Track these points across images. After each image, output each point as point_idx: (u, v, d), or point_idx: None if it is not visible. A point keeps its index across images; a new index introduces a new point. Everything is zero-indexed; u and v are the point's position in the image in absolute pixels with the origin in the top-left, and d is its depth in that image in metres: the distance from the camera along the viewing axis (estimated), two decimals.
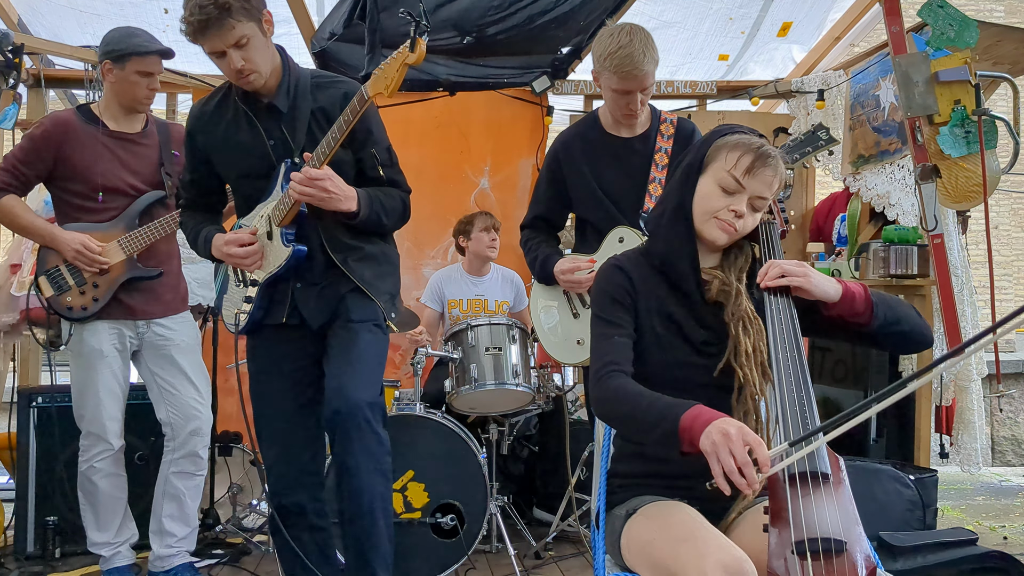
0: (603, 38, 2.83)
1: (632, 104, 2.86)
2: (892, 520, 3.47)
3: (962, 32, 3.64)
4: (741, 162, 1.89)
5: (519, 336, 3.85)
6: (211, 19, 2.43)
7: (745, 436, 1.56)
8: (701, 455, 1.62)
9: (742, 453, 1.53)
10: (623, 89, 2.83)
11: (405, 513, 3.50)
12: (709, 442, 1.57)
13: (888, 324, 1.87)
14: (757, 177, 1.89)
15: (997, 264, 3.80)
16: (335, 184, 2.50)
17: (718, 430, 1.57)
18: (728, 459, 1.53)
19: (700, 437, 1.59)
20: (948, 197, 3.74)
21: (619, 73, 2.77)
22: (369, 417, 2.54)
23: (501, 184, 5.18)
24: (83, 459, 3.28)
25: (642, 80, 2.80)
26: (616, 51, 2.75)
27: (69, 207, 3.24)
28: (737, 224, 1.90)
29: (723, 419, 1.60)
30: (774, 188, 1.92)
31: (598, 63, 2.83)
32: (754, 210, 1.92)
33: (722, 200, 1.90)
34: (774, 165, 1.90)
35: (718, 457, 1.54)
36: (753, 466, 1.53)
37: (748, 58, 5.32)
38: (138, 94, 3.23)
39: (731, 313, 1.91)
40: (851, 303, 1.85)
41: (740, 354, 1.87)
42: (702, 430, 1.59)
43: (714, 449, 1.55)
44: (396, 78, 2.35)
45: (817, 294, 1.84)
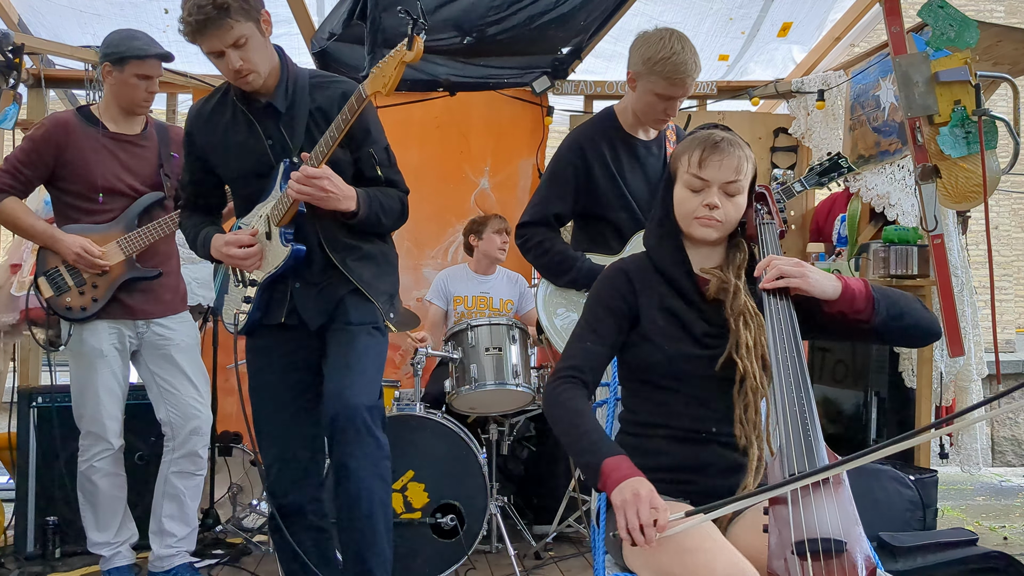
0: (651, 42, 2.80)
1: (670, 110, 2.87)
2: (892, 520, 3.47)
3: (962, 32, 3.63)
4: (693, 159, 1.95)
5: (519, 336, 3.86)
6: (209, 19, 2.43)
7: (653, 500, 1.66)
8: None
9: (647, 515, 1.63)
10: (668, 95, 2.82)
11: (405, 513, 3.50)
12: (620, 498, 1.67)
13: (891, 319, 1.87)
14: (712, 165, 1.93)
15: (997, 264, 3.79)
16: (333, 183, 2.50)
17: (631, 489, 1.67)
18: (633, 518, 1.63)
19: (614, 489, 1.70)
20: (948, 197, 3.74)
21: (670, 79, 2.77)
22: (368, 421, 2.53)
23: (501, 184, 5.18)
24: (83, 459, 3.28)
25: (688, 87, 2.82)
26: (670, 57, 2.75)
27: (68, 208, 3.24)
28: (716, 215, 1.93)
29: (638, 479, 1.70)
30: (739, 169, 1.93)
31: (644, 65, 2.80)
32: (729, 196, 1.94)
33: (694, 199, 1.96)
34: (724, 148, 1.93)
35: (625, 513, 1.64)
36: (653, 527, 1.62)
37: (748, 58, 5.32)
38: (136, 97, 3.23)
39: (731, 309, 1.93)
40: (851, 300, 1.85)
41: (740, 347, 1.88)
42: (617, 483, 1.70)
43: (623, 505, 1.66)
44: (394, 76, 2.35)
45: (816, 292, 1.84)
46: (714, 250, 2.02)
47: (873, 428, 4.26)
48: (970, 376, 4.09)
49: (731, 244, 2.02)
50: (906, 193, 4.28)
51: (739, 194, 1.95)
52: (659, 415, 1.95)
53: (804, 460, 1.60)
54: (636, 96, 2.91)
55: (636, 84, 2.88)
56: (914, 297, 1.94)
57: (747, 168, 1.96)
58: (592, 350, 1.96)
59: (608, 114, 3.06)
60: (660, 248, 2.03)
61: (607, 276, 2.05)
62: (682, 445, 1.92)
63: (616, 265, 2.06)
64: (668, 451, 1.92)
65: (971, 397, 4.11)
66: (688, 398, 1.93)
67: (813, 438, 1.63)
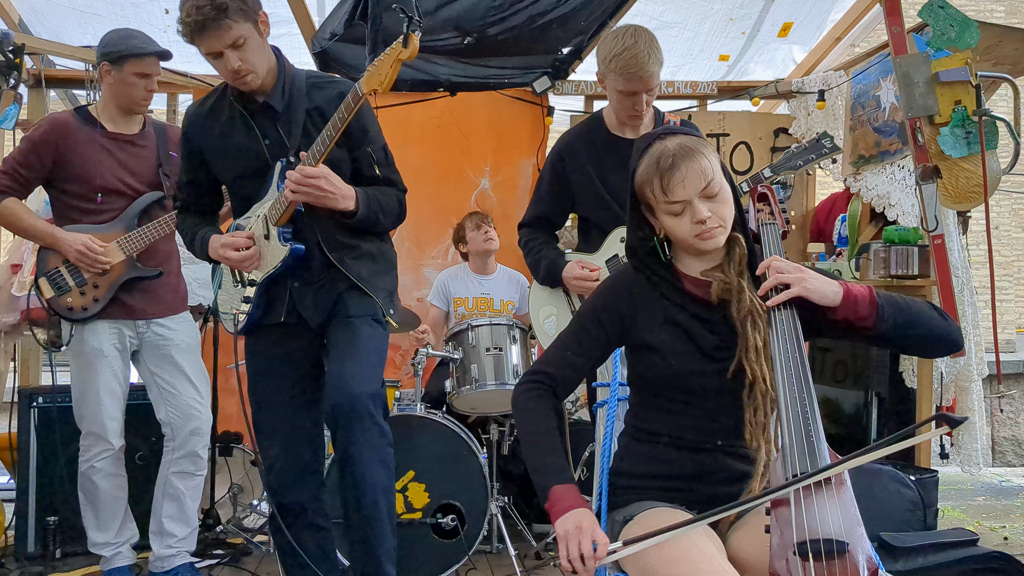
0: (608, 40, 2.83)
1: (638, 105, 2.88)
2: (893, 521, 3.47)
3: (963, 33, 3.63)
4: (657, 188, 1.88)
5: (520, 336, 3.86)
6: (208, 20, 2.44)
7: (595, 533, 1.69)
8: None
9: (588, 547, 1.66)
10: (628, 90, 2.83)
11: (406, 513, 3.50)
12: (563, 529, 1.71)
13: (900, 328, 1.81)
14: (677, 187, 1.85)
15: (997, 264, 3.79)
16: (330, 183, 2.50)
17: (574, 522, 1.71)
18: (574, 549, 1.67)
19: (558, 518, 1.74)
20: (949, 198, 3.74)
21: (624, 74, 2.78)
22: (371, 408, 2.53)
23: (502, 184, 5.19)
24: (83, 459, 3.28)
25: (647, 81, 2.80)
26: (621, 52, 2.76)
27: (68, 208, 3.25)
28: (711, 223, 1.86)
29: (581, 511, 1.73)
30: (704, 172, 1.85)
31: (603, 64, 2.84)
32: (711, 198, 1.86)
33: (683, 222, 1.88)
34: (678, 164, 1.85)
35: (567, 544, 1.68)
36: (593, 559, 1.66)
37: (749, 58, 5.32)
38: (135, 95, 3.23)
39: (737, 310, 1.88)
40: (854, 306, 1.80)
41: (750, 350, 1.84)
42: (562, 512, 1.74)
43: (565, 536, 1.70)
44: (390, 74, 2.35)
45: (815, 298, 1.80)
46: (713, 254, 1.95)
47: (874, 428, 4.26)
48: (971, 376, 4.09)
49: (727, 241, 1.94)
50: (906, 193, 4.28)
51: (719, 191, 1.87)
52: (666, 425, 1.93)
53: (807, 461, 1.60)
54: (608, 96, 2.97)
55: (604, 84, 2.92)
56: (931, 305, 1.88)
57: (711, 164, 1.86)
58: (571, 361, 1.94)
59: (596, 116, 3.13)
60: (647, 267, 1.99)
61: (607, 286, 2.02)
62: (688, 454, 1.90)
63: (619, 275, 2.03)
64: (673, 459, 1.90)
65: (972, 397, 4.10)
66: (697, 411, 1.90)
67: (815, 439, 1.63)
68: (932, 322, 1.84)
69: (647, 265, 1.99)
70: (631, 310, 1.95)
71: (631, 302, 1.96)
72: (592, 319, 1.97)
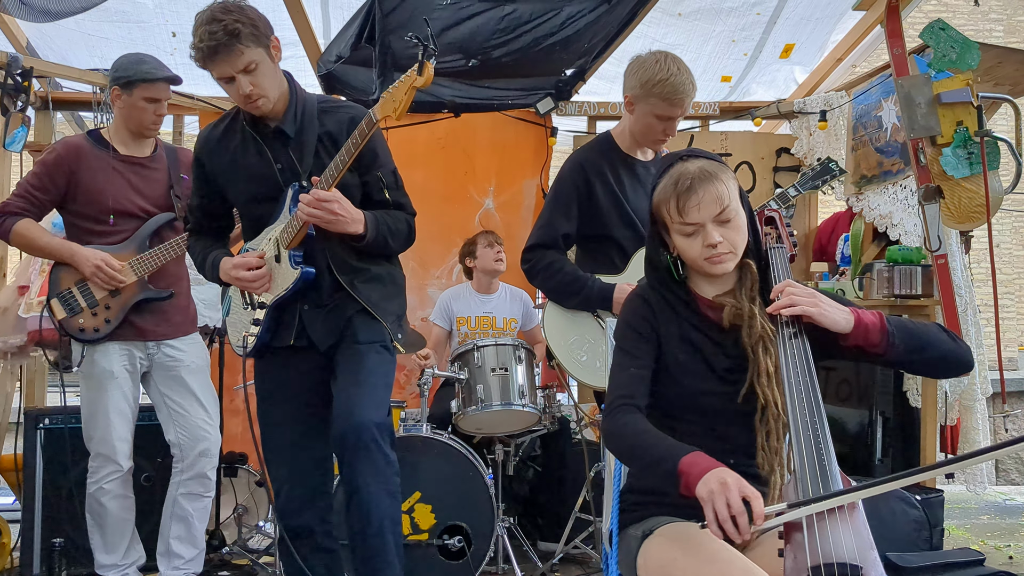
0: (647, 65, 2.87)
1: (669, 129, 2.94)
2: (899, 540, 3.47)
3: (964, 54, 3.66)
4: (672, 209, 1.92)
5: (525, 357, 3.87)
6: (220, 45, 2.46)
7: (743, 488, 1.59)
8: None
9: (737, 503, 1.56)
10: (667, 115, 2.89)
11: (412, 535, 3.50)
12: (707, 489, 1.61)
13: (911, 352, 1.83)
14: (692, 209, 1.89)
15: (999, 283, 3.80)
16: (343, 207, 2.52)
17: (716, 479, 1.61)
18: (723, 507, 1.56)
19: (697, 483, 1.63)
20: (951, 218, 3.75)
21: (668, 99, 2.85)
22: (377, 438, 2.54)
23: (506, 204, 5.21)
24: (92, 480, 3.28)
25: (687, 107, 2.89)
26: (667, 78, 2.82)
27: (80, 230, 3.27)
28: (721, 249, 1.89)
29: (722, 468, 1.64)
30: (720, 199, 1.88)
31: (642, 88, 2.87)
32: (724, 223, 1.90)
33: (695, 244, 1.92)
34: (696, 187, 1.89)
35: (713, 504, 1.58)
36: (746, 518, 1.56)
37: (751, 79, 5.35)
38: (145, 120, 3.26)
39: (748, 335, 1.91)
40: (864, 334, 1.82)
41: (761, 375, 1.86)
42: (700, 476, 1.63)
43: (711, 496, 1.59)
44: (404, 101, 2.38)
45: (828, 324, 1.81)
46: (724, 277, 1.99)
47: (878, 448, 4.26)
48: (974, 395, 4.10)
49: (739, 266, 1.99)
50: (908, 213, 4.30)
51: (732, 218, 1.91)
52: None
53: (819, 484, 1.61)
54: (635, 118, 2.98)
55: (634, 107, 2.94)
56: (939, 327, 1.90)
57: (728, 190, 1.90)
58: (637, 375, 1.94)
59: (606, 137, 3.12)
60: (662, 286, 2.02)
61: (629, 304, 2.05)
62: None
63: (636, 293, 2.06)
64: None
65: (976, 416, 4.10)
66: (708, 431, 1.92)
67: (827, 462, 1.64)
68: (942, 345, 1.86)
69: (663, 282, 2.02)
70: (655, 322, 1.98)
71: (653, 314, 1.99)
72: (632, 333, 1.98)
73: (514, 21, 4.25)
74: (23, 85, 4.08)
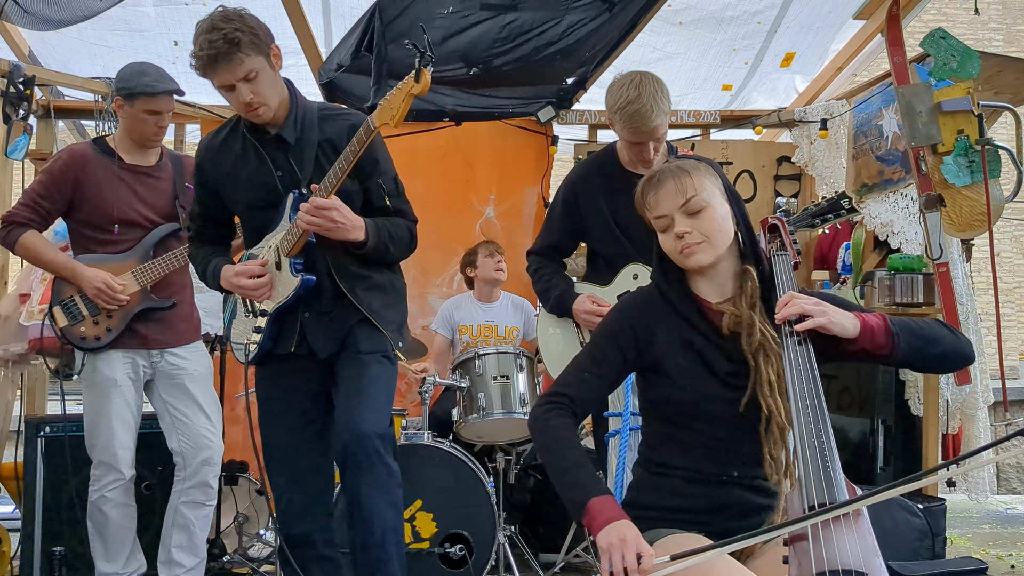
0: (613, 89, 2.84)
1: (645, 153, 2.90)
2: (901, 549, 3.46)
3: (964, 63, 3.67)
4: (644, 206, 1.97)
5: (527, 365, 3.87)
6: (220, 53, 2.46)
7: (639, 544, 1.67)
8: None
9: (632, 559, 1.64)
10: (634, 140, 2.87)
11: (414, 543, 3.49)
12: (606, 541, 1.68)
13: (916, 351, 1.84)
14: (656, 202, 1.94)
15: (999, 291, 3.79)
16: (342, 214, 2.52)
17: (617, 533, 1.68)
18: (619, 561, 1.65)
19: (600, 531, 1.71)
20: (953, 226, 3.76)
21: (629, 127, 2.81)
22: (379, 448, 2.54)
23: (506, 213, 5.20)
24: (94, 489, 3.27)
25: (652, 133, 2.82)
26: (625, 106, 2.77)
27: (85, 239, 3.27)
28: (691, 239, 1.90)
29: (624, 522, 1.71)
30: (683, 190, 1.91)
31: (610, 113, 2.86)
32: (693, 215, 1.91)
33: (669, 237, 1.95)
34: (659, 180, 1.94)
35: (610, 557, 1.66)
36: (638, 572, 1.63)
37: (751, 88, 5.36)
38: (147, 131, 3.26)
39: (747, 344, 1.89)
40: (871, 337, 1.82)
41: (763, 384, 1.85)
42: (604, 525, 1.71)
43: (609, 548, 1.67)
44: (402, 108, 2.38)
45: (837, 331, 1.81)
46: (724, 280, 1.97)
47: (880, 456, 4.25)
48: (976, 404, 4.09)
49: (740, 272, 1.97)
50: (909, 221, 4.30)
51: (703, 208, 1.91)
52: (681, 456, 1.93)
53: (824, 492, 1.60)
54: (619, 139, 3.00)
55: (614, 128, 2.94)
56: (940, 323, 1.91)
57: (697, 183, 1.92)
58: (589, 382, 1.94)
59: (609, 150, 3.13)
60: (667, 286, 2.01)
61: (621, 308, 2.03)
62: (703, 487, 1.90)
63: (633, 297, 2.05)
64: (687, 492, 1.89)
65: (977, 425, 4.10)
66: (713, 440, 1.90)
67: (832, 469, 1.63)
68: (945, 340, 1.88)
69: (668, 282, 2.01)
70: (646, 330, 1.96)
71: (646, 321, 1.97)
72: (608, 340, 1.97)
73: (515, 30, 4.26)
74: (25, 93, 4.08)
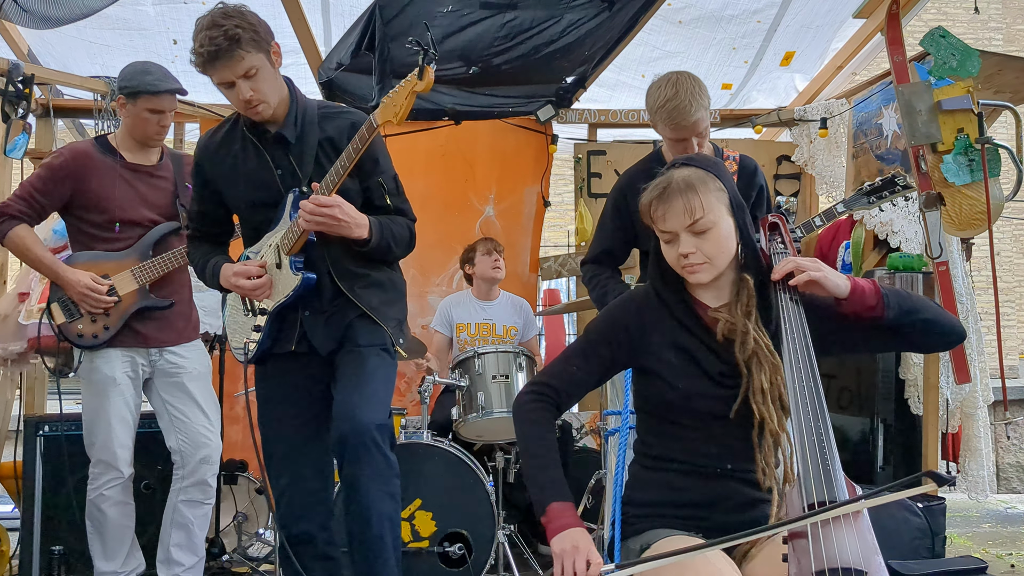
0: (651, 91, 2.86)
1: (689, 149, 2.88)
2: (901, 548, 3.46)
3: (964, 62, 3.66)
4: (651, 215, 1.96)
5: (526, 364, 3.86)
6: (220, 50, 2.46)
7: (590, 553, 1.75)
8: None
9: (581, 566, 1.73)
10: (676, 137, 2.86)
11: (413, 542, 3.48)
12: (560, 547, 1.77)
13: (905, 314, 1.88)
14: (666, 217, 1.92)
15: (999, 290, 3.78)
16: (345, 212, 2.51)
17: (570, 541, 1.77)
18: (568, 568, 1.73)
19: (554, 535, 1.79)
20: (952, 225, 3.76)
21: (671, 124, 2.82)
22: (377, 439, 2.54)
23: (506, 212, 5.20)
24: (92, 487, 3.27)
25: (694, 128, 2.82)
26: (664, 104, 2.78)
27: (85, 236, 3.26)
28: (694, 259, 1.91)
29: (578, 530, 1.79)
30: (691, 211, 1.89)
31: (651, 114, 2.88)
32: (699, 235, 1.91)
33: (671, 251, 1.95)
34: (669, 196, 1.92)
35: (562, 563, 1.75)
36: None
37: (751, 87, 5.36)
38: (148, 131, 3.26)
39: (741, 351, 1.89)
40: (861, 296, 1.86)
41: (755, 392, 1.86)
42: (558, 531, 1.79)
43: (561, 554, 1.76)
44: (405, 106, 2.38)
45: (829, 287, 1.86)
46: (722, 286, 1.98)
47: (880, 455, 4.25)
48: (976, 403, 4.09)
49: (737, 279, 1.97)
50: (909, 220, 4.30)
51: (709, 229, 1.90)
52: (675, 451, 1.94)
53: (823, 489, 1.60)
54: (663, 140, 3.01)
55: (656, 129, 2.95)
56: (928, 298, 1.96)
57: (705, 203, 1.89)
58: (575, 377, 1.97)
59: (655, 154, 3.14)
60: (665, 288, 2.01)
61: (617, 305, 2.04)
62: (697, 480, 1.91)
63: (630, 296, 2.06)
64: (683, 486, 1.91)
65: (977, 424, 4.10)
66: (705, 435, 1.91)
67: (832, 467, 1.63)
68: (934, 309, 1.92)
69: (666, 282, 2.01)
70: (640, 330, 1.97)
71: (640, 321, 1.98)
72: (600, 336, 1.99)
73: (515, 28, 4.25)
74: (24, 92, 4.08)
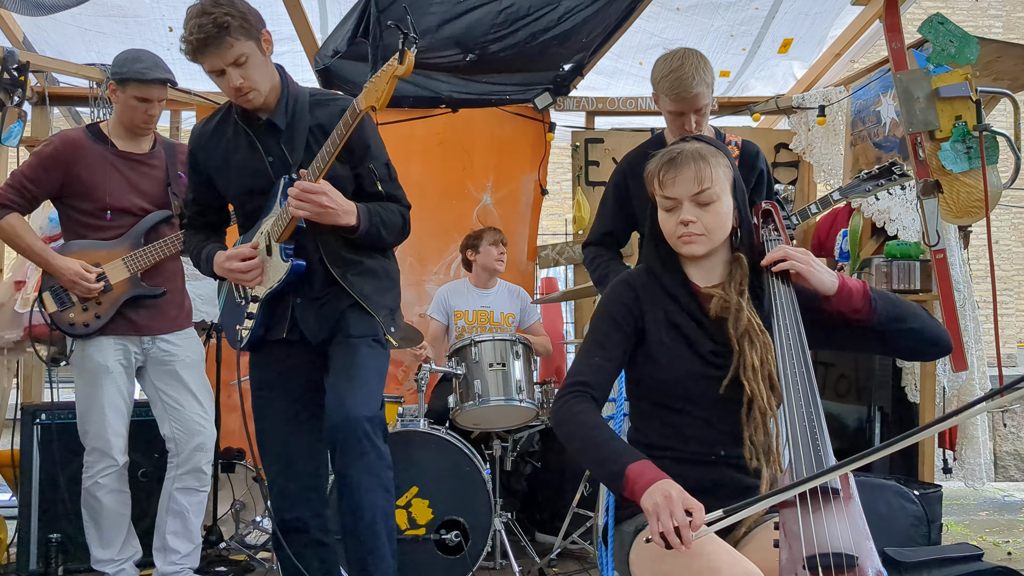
0: (659, 63, 2.87)
1: (687, 125, 2.88)
2: (897, 536, 3.46)
3: (963, 49, 3.65)
4: (656, 181, 1.96)
5: (523, 352, 3.86)
6: (210, 37, 2.45)
7: (685, 500, 1.62)
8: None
9: (681, 515, 1.59)
10: (676, 110, 2.86)
11: (409, 530, 3.49)
12: (651, 502, 1.63)
13: (891, 321, 1.87)
14: (671, 183, 1.93)
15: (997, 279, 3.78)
16: (331, 199, 2.50)
17: (661, 491, 1.63)
18: (667, 519, 1.59)
19: (642, 494, 1.66)
20: (950, 212, 3.75)
21: (671, 95, 2.82)
22: (369, 432, 2.53)
23: (503, 200, 5.19)
24: (87, 475, 3.28)
25: (694, 101, 2.82)
26: (668, 74, 2.79)
27: (76, 224, 3.26)
28: (693, 229, 1.92)
29: (666, 481, 1.67)
30: (700, 179, 1.91)
31: (655, 86, 2.88)
32: (702, 206, 1.92)
33: (671, 219, 1.95)
34: (680, 162, 1.93)
35: (658, 517, 1.60)
36: (688, 528, 1.58)
37: (749, 74, 5.35)
38: (136, 118, 3.25)
39: (734, 328, 1.90)
40: (848, 297, 1.86)
41: (747, 368, 1.87)
42: (646, 487, 1.66)
43: (655, 509, 1.62)
44: (386, 90, 2.36)
45: (814, 283, 1.86)
46: (714, 267, 1.99)
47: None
48: (973, 391, 4.09)
49: (731, 259, 1.99)
50: (907, 208, 4.30)
51: (713, 202, 1.92)
52: (667, 437, 1.94)
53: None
54: (664, 118, 3.00)
55: (659, 105, 2.95)
56: (920, 307, 1.94)
57: (714, 174, 1.92)
58: (600, 366, 1.94)
59: (657, 137, 3.14)
60: (659, 265, 2.02)
61: (613, 290, 2.04)
62: (691, 467, 1.90)
63: (622, 278, 2.06)
64: (677, 473, 1.89)
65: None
66: (696, 419, 1.91)
67: (823, 452, 1.63)
68: (922, 318, 1.91)
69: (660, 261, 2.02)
70: (638, 307, 1.98)
71: (637, 299, 1.99)
72: (608, 322, 1.98)
73: (512, 15, 4.24)
74: (19, 80, 4.07)
